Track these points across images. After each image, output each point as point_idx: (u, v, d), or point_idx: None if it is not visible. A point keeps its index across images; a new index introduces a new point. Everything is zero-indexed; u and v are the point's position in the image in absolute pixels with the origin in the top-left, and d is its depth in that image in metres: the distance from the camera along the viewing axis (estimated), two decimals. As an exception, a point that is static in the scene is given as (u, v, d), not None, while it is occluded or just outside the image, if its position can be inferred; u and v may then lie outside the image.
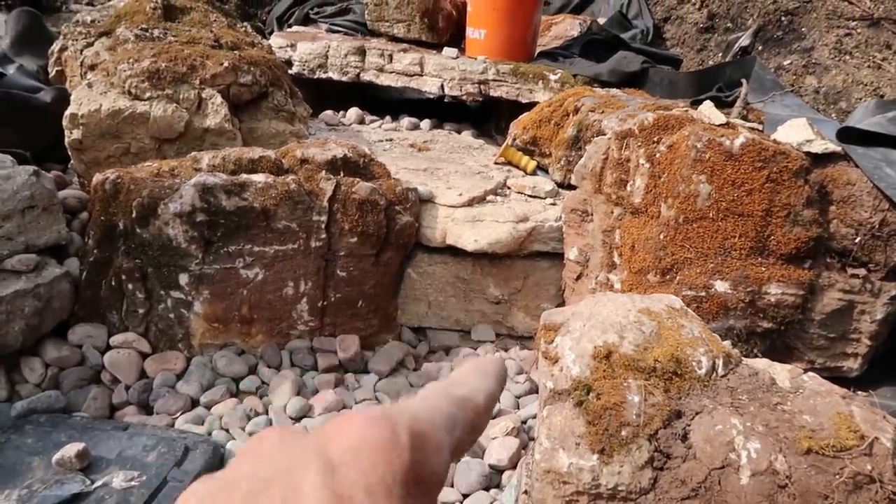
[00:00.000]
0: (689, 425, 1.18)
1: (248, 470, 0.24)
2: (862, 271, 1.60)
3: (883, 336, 1.68)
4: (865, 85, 3.02)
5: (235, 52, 2.24)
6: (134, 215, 1.70)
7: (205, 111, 2.04)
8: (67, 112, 1.94)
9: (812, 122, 1.71)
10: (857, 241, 1.58)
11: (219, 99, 2.05)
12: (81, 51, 2.26)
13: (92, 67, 2.19)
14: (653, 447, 1.15)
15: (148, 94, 1.98)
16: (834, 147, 1.62)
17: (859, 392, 1.59)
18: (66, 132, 1.96)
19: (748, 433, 1.14)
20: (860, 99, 2.88)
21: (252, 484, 0.23)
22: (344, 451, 0.23)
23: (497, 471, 1.54)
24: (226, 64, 2.09)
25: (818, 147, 1.61)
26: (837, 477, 1.09)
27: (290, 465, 0.23)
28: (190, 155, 1.88)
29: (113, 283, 1.74)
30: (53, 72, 2.39)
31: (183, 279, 1.75)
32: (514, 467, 1.54)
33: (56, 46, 2.36)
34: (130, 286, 1.74)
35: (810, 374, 1.31)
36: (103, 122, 1.94)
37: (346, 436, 0.24)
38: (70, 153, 2.00)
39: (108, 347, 1.73)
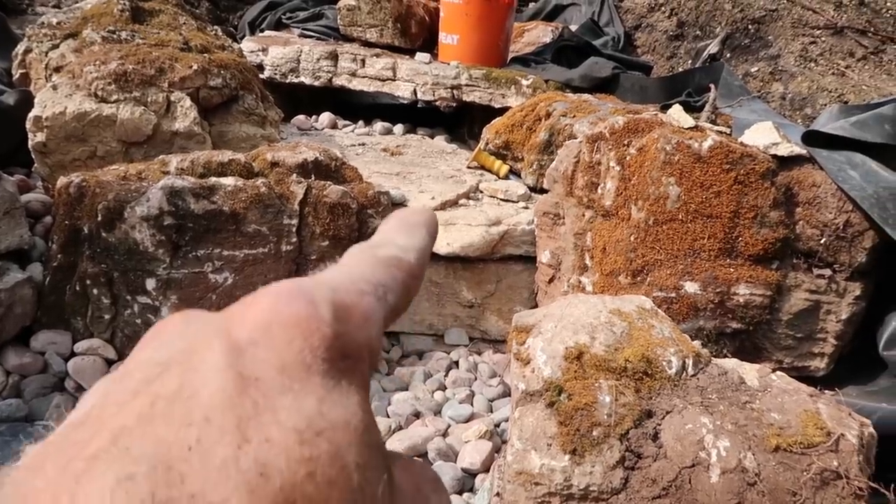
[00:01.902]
0: (659, 425, 1.18)
1: (146, 356, 0.21)
2: (827, 272, 1.63)
3: (848, 335, 1.70)
4: (830, 91, 3.08)
5: (205, 55, 2.21)
6: (99, 219, 1.66)
7: (173, 114, 2.01)
8: (31, 114, 1.90)
9: (778, 125, 1.74)
10: (822, 241, 1.61)
11: (188, 102, 2.03)
12: (46, 53, 2.22)
13: (57, 69, 2.15)
14: (624, 447, 1.15)
15: (115, 97, 1.95)
16: (799, 150, 1.65)
17: (826, 391, 1.61)
18: (30, 135, 1.91)
19: (718, 432, 1.15)
20: (825, 105, 2.94)
21: (148, 370, 0.20)
22: (253, 329, 0.20)
23: (470, 474, 1.53)
24: (195, 67, 2.07)
25: (784, 150, 1.64)
26: (805, 473, 1.10)
27: (190, 346, 0.20)
28: (158, 158, 1.85)
29: (77, 289, 1.71)
30: (17, 74, 2.33)
31: (150, 284, 1.72)
32: (488, 471, 1.53)
33: (20, 48, 2.31)
34: (96, 291, 1.70)
35: (778, 373, 1.32)
36: (68, 125, 1.90)
37: (255, 313, 0.21)
38: (34, 156, 1.96)
39: (73, 354, 1.68)
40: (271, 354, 0.20)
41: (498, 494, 1.26)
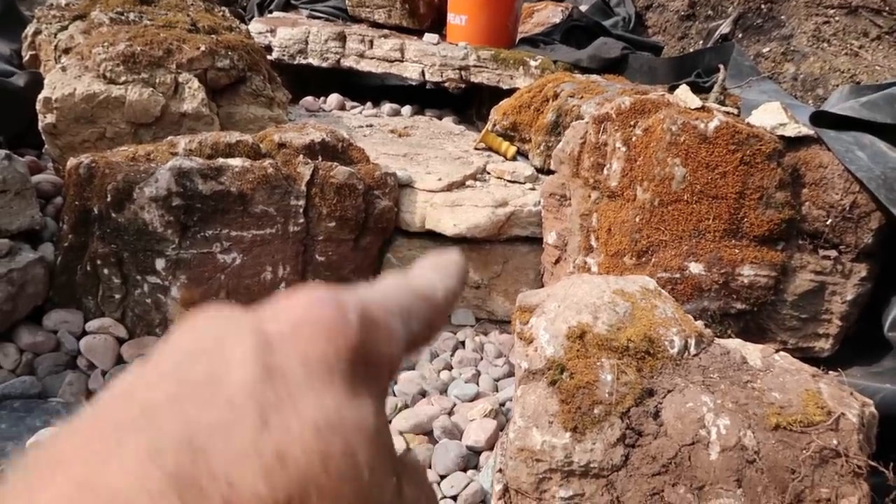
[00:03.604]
0: (660, 403, 1.19)
1: (177, 344, 0.22)
2: (833, 253, 1.62)
3: (853, 316, 1.70)
4: (843, 72, 3.04)
5: (213, 36, 2.22)
6: (109, 200, 1.68)
7: (181, 95, 2.02)
8: (41, 96, 1.91)
9: (787, 106, 1.73)
10: (828, 222, 1.60)
11: (196, 83, 2.03)
12: (55, 34, 2.23)
13: (66, 51, 2.16)
14: (625, 425, 1.17)
15: (123, 78, 1.96)
16: (807, 131, 1.64)
17: (830, 372, 1.61)
18: (40, 116, 1.93)
19: (718, 410, 1.16)
20: (837, 85, 2.91)
21: (179, 356, 0.21)
22: (284, 325, 0.22)
23: (475, 452, 1.55)
24: (203, 48, 2.07)
25: (791, 130, 1.63)
26: (804, 451, 1.11)
27: (221, 339, 0.22)
28: (166, 139, 1.87)
29: (88, 269, 1.73)
30: (27, 56, 2.35)
31: (159, 264, 1.74)
32: (492, 448, 1.55)
33: (29, 30, 2.33)
34: (106, 271, 1.73)
35: (781, 353, 1.33)
36: (78, 107, 1.92)
37: (287, 313, 0.22)
38: (44, 138, 1.98)
39: (84, 333, 1.71)
40: (298, 351, 0.21)
41: (500, 471, 1.28)
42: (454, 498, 1.44)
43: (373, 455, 0.21)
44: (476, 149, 2.47)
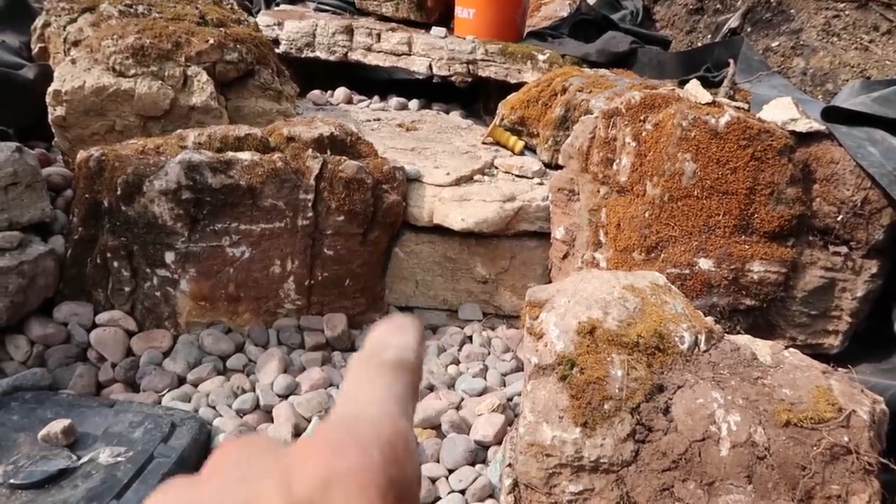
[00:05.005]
0: (670, 399, 1.19)
1: (210, 489, 0.22)
2: (843, 249, 1.62)
3: (864, 313, 1.70)
4: (852, 66, 3.02)
5: (221, 29, 2.22)
6: (119, 193, 1.69)
7: (190, 89, 2.02)
8: (51, 89, 1.92)
9: (797, 101, 1.72)
10: (839, 219, 1.59)
11: (204, 76, 2.03)
12: (64, 27, 2.23)
13: (75, 44, 2.16)
14: (635, 420, 1.17)
15: (132, 71, 1.96)
16: (818, 126, 1.63)
17: (840, 369, 1.61)
18: (50, 109, 1.93)
19: (728, 406, 1.16)
20: (847, 80, 2.89)
21: None
22: (312, 488, 0.21)
23: (483, 446, 1.55)
24: (211, 41, 2.07)
25: (803, 126, 1.62)
26: (815, 448, 1.11)
27: (253, 497, 0.21)
28: (175, 132, 1.87)
29: (98, 261, 1.74)
30: (36, 48, 2.35)
31: (169, 257, 1.74)
32: (500, 443, 1.55)
33: (39, 22, 2.33)
34: (116, 264, 1.73)
35: (791, 349, 1.32)
36: (87, 99, 1.92)
37: (311, 468, 0.21)
38: (54, 130, 1.98)
39: (94, 325, 1.72)
40: None
41: (510, 465, 1.28)
42: (462, 492, 1.44)
43: None
44: (484, 143, 2.47)
